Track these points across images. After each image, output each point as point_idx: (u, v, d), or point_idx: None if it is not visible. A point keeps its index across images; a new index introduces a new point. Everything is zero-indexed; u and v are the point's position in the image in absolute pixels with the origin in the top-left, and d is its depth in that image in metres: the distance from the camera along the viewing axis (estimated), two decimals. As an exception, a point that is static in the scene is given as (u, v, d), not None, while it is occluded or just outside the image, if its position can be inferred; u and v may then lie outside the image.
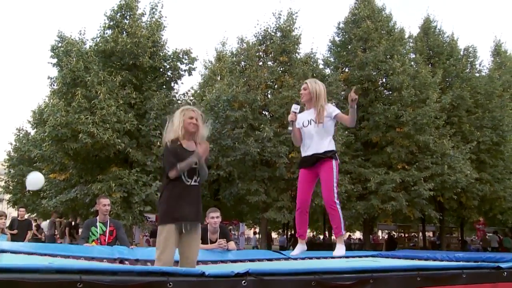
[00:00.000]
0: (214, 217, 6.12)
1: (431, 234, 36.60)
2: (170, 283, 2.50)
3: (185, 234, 3.61)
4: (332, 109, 4.34)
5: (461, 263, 3.87)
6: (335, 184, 4.13)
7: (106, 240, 5.97)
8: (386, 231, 33.69)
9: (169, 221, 3.56)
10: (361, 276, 3.07)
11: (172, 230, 3.54)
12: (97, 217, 6.12)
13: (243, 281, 2.66)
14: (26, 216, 13.08)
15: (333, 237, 29.60)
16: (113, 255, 4.75)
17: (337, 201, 4.12)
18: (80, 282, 2.34)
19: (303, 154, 4.38)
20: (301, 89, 4.50)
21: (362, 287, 3.05)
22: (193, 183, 3.67)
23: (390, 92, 21.27)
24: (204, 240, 6.06)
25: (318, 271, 2.93)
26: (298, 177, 4.44)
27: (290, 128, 4.39)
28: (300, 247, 4.53)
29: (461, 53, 25.51)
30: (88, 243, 5.86)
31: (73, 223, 18.18)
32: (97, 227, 5.98)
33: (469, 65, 25.14)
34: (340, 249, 4.22)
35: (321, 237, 37.39)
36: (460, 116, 22.75)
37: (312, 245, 26.87)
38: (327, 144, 4.26)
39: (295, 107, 4.39)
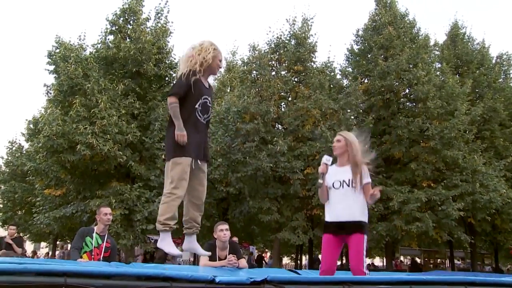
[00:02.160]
0: (223, 230, 5.89)
1: (460, 261, 35.80)
2: (173, 290, 2.25)
3: (196, 170, 3.69)
4: (366, 175, 4.11)
5: (514, 279, 3.54)
6: (364, 254, 3.93)
7: (101, 255, 5.68)
8: (409, 256, 32.96)
9: (185, 154, 3.59)
10: (398, 288, 2.80)
11: (188, 163, 3.59)
12: (95, 227, 5.84)
13: (261, 290, 2.40)
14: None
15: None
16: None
17: (367, 271, 3.88)
18: (65, 286, 2.11)
19: (330, 219, 4.13)
20: (334, 141, 4.31)
21: (400, 301, 2.78)
22: (203, 120, 3.78)
23: (414, 104, 20.99)
24: (213, 257, 5.81)
25: (348, 280, 2.67)
26: (322, 242, 4.18)
27: (320, 181, 4.20)
28: None
29: (494, 61, 25.28)
30: (80, 254, 5.54)
31: None
32: (92, 238, 5.69)
33: (502, 74, 24.88)
34: None
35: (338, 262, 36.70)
36: (493, 130, 22.38)
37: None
38: (360, 212, 4.03)
39: (326, 159, 4.21)
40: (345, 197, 4.03)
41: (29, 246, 34.03)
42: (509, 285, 3.28)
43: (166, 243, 3.68)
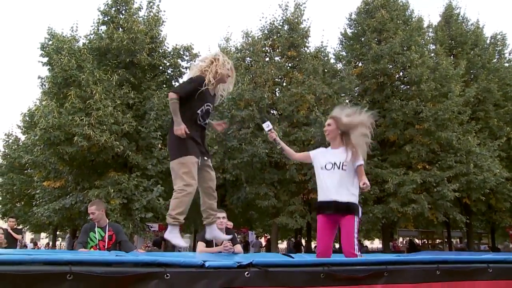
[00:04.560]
0: (220, 218, 6.14)
1: (457, 241, 36.29)
2: (168, 274, 2.51)
3: (202, 166, 3.95)
4: (359, 157, 4.23)
5: (487, 256, 3.81)
6: (356, 236, 4.07)
7: (106, 246, 5.98)
8: (408, 237, 33.42)
9: (190, 153, 3.81)
10: (374, 268, 3.06)
11: (194, 161, 3.81)
12: (96, 222, 6.14)
13: (246, 273, 2.66)
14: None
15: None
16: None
17: (358, 253, 4.04)
18: (70, 273, 2.36)
19: (322, 198, 4.27)
20: (325, 125, 4.42)
21: (376, 280, 3.03)
22: (203, 124, 4.03)
23: (408, 87, 21.17)
24: (209, 244, 6.11)
25: (328, 262, 2.93)
26: (317, 224, 4.35)
27: (278, 146, 4.51)
28: None
29: (488, 41, 25.39)
30: (85, 248, 5.86)
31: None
32: (95, 232, 6.00)
33: (497, 54, 25.05)
34: None
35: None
36: (487, 111, 22.62)
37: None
38: (351, 193, 4.16)
39: (267, 125, 4.47)
40: (336, 179, 4.15)
41: (29, 237, 34.42)
42: (480, 261, 3.55)
43: (173, 235, 3.90)
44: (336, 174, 4.16)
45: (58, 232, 30.25)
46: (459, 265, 3.42)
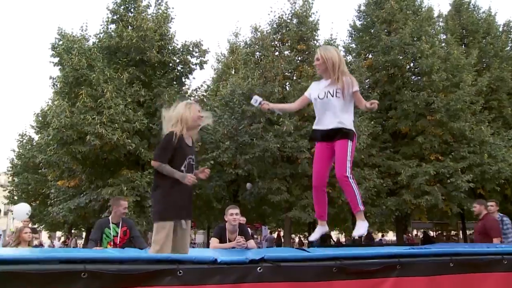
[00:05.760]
0: (233, 214, 6.16)
1: (473, 232, 35.94)
2: (180, 271, 2.55)
3: (179, 230, 3.85)
4: (354, 83, 4.16)
5: (501, 248, 3.78)
6: (348, 159, 4.04)
7: (121, 242, 6.01)
8: (422, 229, 33.18)
9: (172, 218, 3.75)
10: (387, 261, 3.06)
11: (172, 226, 3.74)
12: (109, 217, 6.17)
13: (259, 268, 2.68)
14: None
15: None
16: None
17: (350, 176, 4.03)
18: (84, 272, 2.40)
19: (316, 127, 4.27)
20: (314, 60, 4.35)
21: (388, 273, 3.04)
22: None
23: (419, 77, 21.00)
24: (223, 240, 6.14)
25: (340, 256, 2.94)
26: (314, 152, 4.36)
27: (276, 112, 4.52)
28: (320, 229, 4.42)
29: (500, 29, 25.03)
30: (98, 246, 5.88)
31: None
32: (110, 229, 6.02)
33: (510, 42, 24.64)
34: (361, 227, 4.07)
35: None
36: (501, 100, 22.35)
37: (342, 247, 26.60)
38: (345, 119, 4.14)
39: (255, 100, 4.43)
40: (329, 106, 4.12)
41: (44, 236, 34.86)
42: (494, 253, 3.53)
43: None
44: (329, 102, 4.13)
45: (73, 231, 30.56)
46: (472, 257, 3.41)
